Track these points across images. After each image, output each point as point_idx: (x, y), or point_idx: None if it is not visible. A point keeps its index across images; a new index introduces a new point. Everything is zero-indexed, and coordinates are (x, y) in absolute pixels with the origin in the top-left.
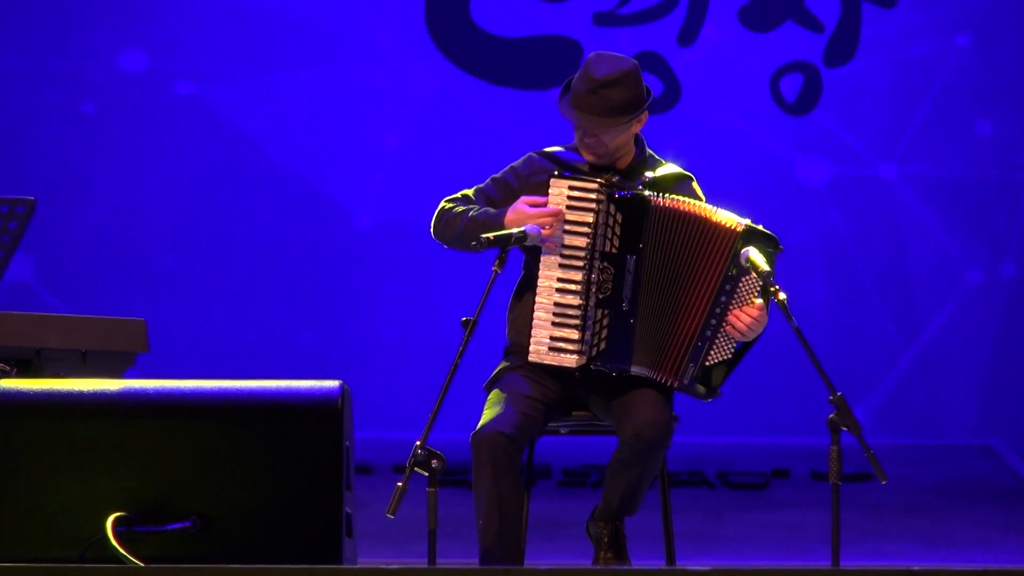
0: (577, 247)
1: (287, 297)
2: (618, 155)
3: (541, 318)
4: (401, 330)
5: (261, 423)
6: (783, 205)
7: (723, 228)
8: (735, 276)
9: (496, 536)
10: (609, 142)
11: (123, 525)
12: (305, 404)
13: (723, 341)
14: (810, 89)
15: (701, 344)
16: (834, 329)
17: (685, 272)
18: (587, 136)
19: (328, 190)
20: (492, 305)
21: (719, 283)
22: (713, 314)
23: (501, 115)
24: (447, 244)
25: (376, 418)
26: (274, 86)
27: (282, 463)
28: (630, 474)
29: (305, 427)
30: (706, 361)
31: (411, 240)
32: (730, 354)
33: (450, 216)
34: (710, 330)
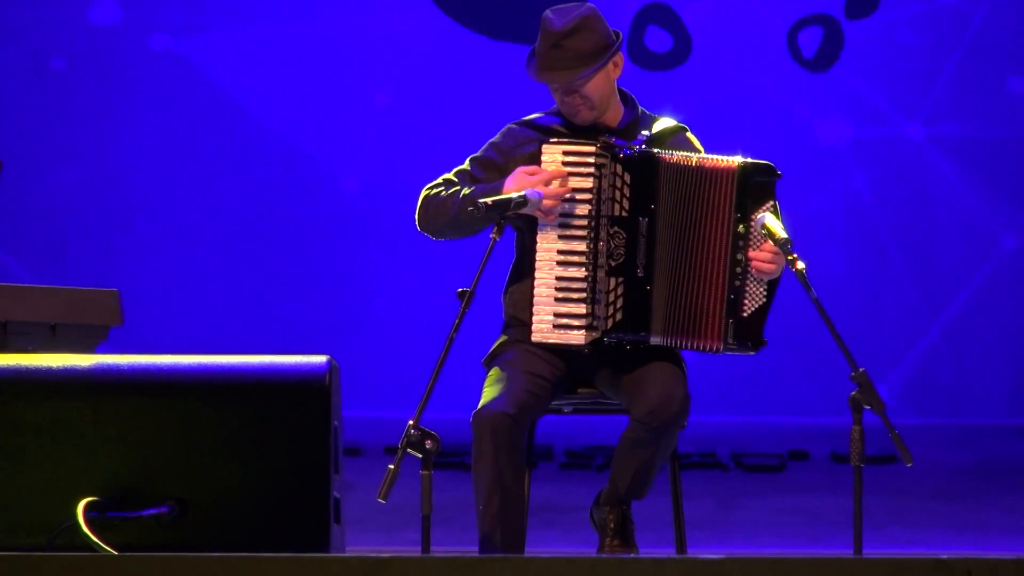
0: (578, 215)
1: (270, 266)
2: (605, 109)
3: (543, 295)
4: (392, 301)
5: (243, 401)
6: (802, 168)
7: (720, 170)
8: (742, 218)
9: (496, 521)
10: (592, 94)
11: (95, 511)
12: (290, 381)
13: (753, 286)
14: (830, 43)
15: (734, 296)
16: (856, 300)
17: (698, 227)
18: (566, 95)
19: (313, 151)
20: (490, 275)
21: (731, 228)
22: (736, 261)
23: (500, 72)
24: (437, 234)
25: (366, 396)
26: (255, 40)
27: (265, 444)
28: (642, 455)
29: (290, 406)
30: (743, 312)
31: (402, 205)
32: (763, 297)
33: (438, 202)
34: (738, 279)
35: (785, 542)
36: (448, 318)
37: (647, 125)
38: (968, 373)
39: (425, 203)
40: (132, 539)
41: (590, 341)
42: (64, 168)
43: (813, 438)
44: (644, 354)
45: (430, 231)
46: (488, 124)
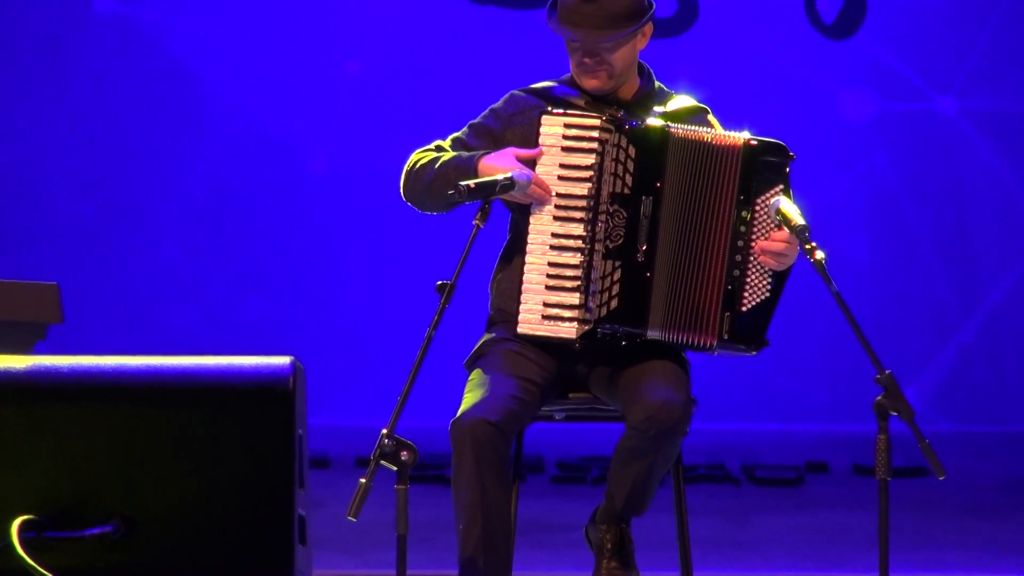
0: (576, 195)
1: (227, 256)
2: (623, 80)
3: (532, 281)
4: (364, 296)
5: (196, 408)
6: (821, 146)
7: (726, 148)
8: (745, 201)
9: (479, 542)
10: (615, 62)
11: (32, 530)
12: (249, 385)
13: (756, 277)
14: (852, 7)
15: (732, 288)
16: (882, 294)
17: (702, 209)
18: (586, 56)
19: (276, 127)
20: (473, 267)
21: (733, 212)
22: (736, 248)
23: (485, 39)
24: (419, 205)
25: (334, 402)
26: (211, 2)
27: (221, 456)
28: (639, 466)
29: (249, 413)
30: (741, 306)
31: (375, 188)
32: (767, 291)
33: (418, 167)
34: (738, 268)
35: (803, 564)
36: (426, 314)
37: (662, 101)
38: (1007, 375)
39: (409, 169)
40: (74, 562)
41: (582, 335)
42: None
43: (834, 448)
44: (641, 352)
45: (413, 200)
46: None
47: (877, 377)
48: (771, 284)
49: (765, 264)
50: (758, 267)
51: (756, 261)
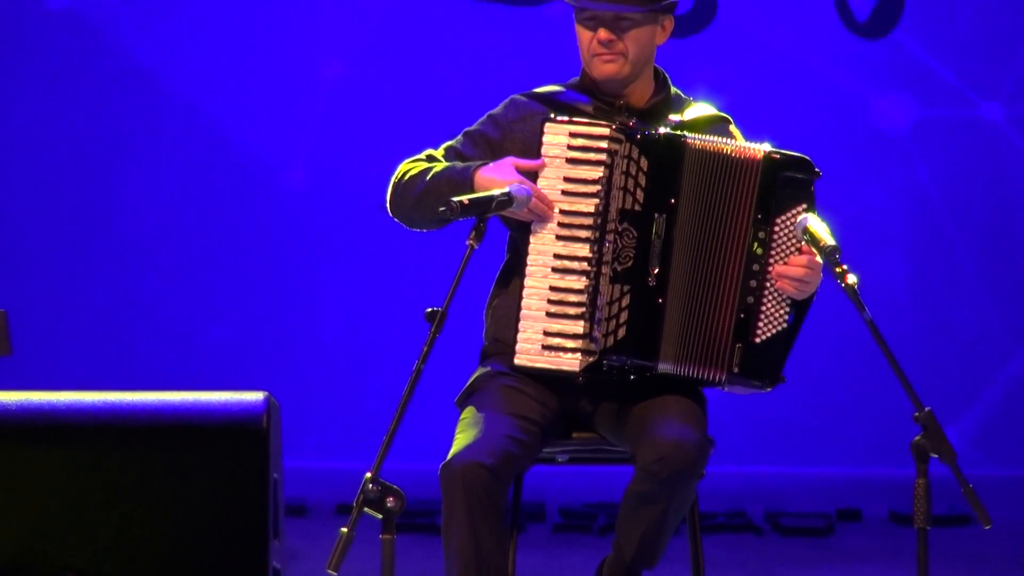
0: (581, 212)
1: (193, 281)
2: (637, 74)
3: (532, 307)
4: (345, 324)
5: (159, 449)
6: (853, 158)
7: (744, 161)
8: (763, 221)
9: None
10: (631, 47)
11: None
12: (218, 423)
13: (772, 305)
14: (888, 4)
15: (745, 316)
16: (921, 322)
17: (718, 229)
18: (601, 36)
19: (246, 136)
20: (466, 292)
21: (749, 233)
22: (750, 272)
23: (482, 38)
24: (407, 221)
25: (313, 442)
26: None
27: (187, 502)
28: (650, 513)
29: (218, 454)
30: (755, 336)
31: (358, 203)
32: (784, 322)
33: (407, 179)
34: (752, 295)
35: None
36: (415, 345)
37: (678, 109)
38: None
39: (396, 181)
40: None
41: (586, 367)
42: None
43: (867, 494)
44: (652, 387)
45: (400, 216)
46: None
47: (916, 415)
48: (789, 313)
49: (783, 291)
50: (775, 294)
51: (773, 287)
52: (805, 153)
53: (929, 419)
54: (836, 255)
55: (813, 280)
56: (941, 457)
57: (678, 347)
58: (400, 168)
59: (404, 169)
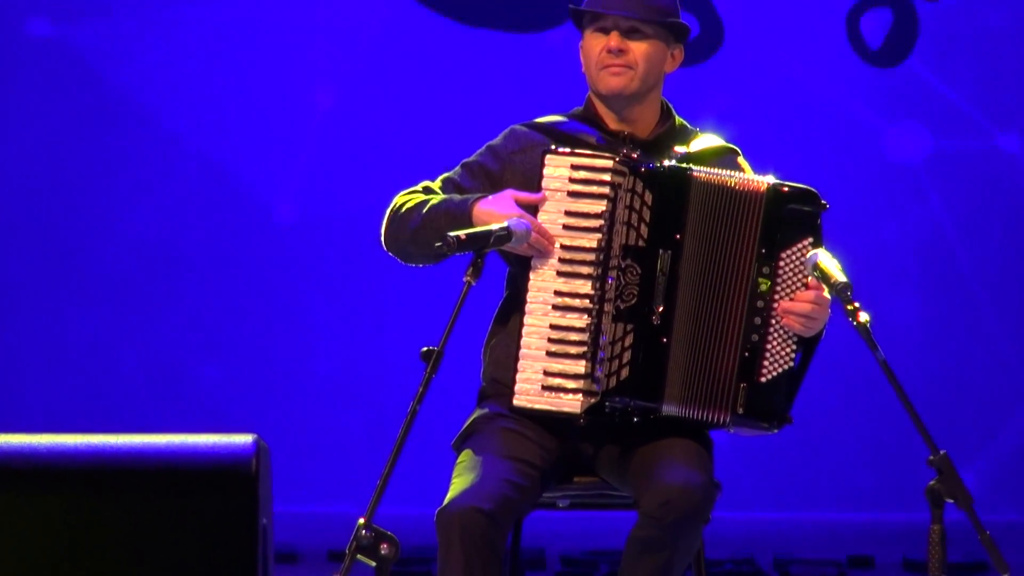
0: (583, 247)
1: (179, 317)
2: (644, 93)
3: (531, 346)
4: (338, 363)
5: (144, 494)
6: (865, 190)
7: (748, 193)
8: (767, 255)
9: None
10: (640, 59)
11: None
12: (205, 467)
13: (777, 343)
14: (902, 30)
15: (749, 354)
16: (936, 362)
17: (723, 265)
18: (613, 42)
19: (237, 168)
20: (463, 330)
21: (752, 267)
22: (755, 309)
23: (480, 66)
24: (402, 256)
25: (304, 486)
26: (162, 26)
27: (173, 550)
28: (656, 560)
29: (205, 499)
30: (760, 376)
31: (351, 237)
32: (791, 360)
33: (403, 212)
34: (756, 332)
35: None
36: (410, 385)
37: (684, 140)
38: None
39: (391, 214)
40: None
41: (587, 408)
42: None
43: (880, 540)
44: (657, 429)
45: (395, 250)
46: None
47: (930, 458)
48: (797, 351)
49: (789, 328)
50: (781, 332)
51: (779, 325)
52: (814, 186)
53: (944, 462)
54: (848, 292)
55: (821, 316)
56: (957, 502)
57: (683, 388)
58: (395, 200)
59: (400, 202)
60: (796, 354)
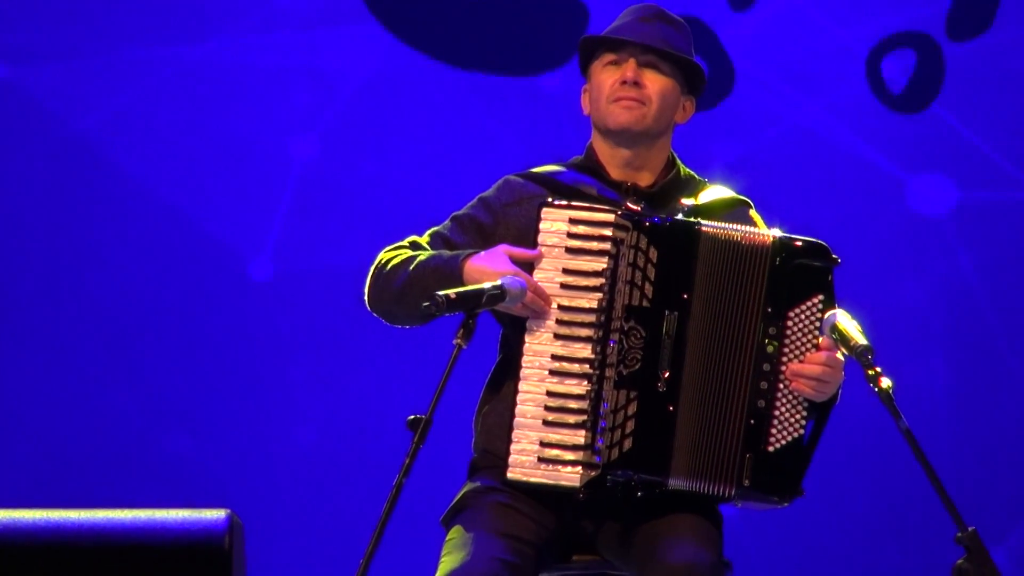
0: (582, 308)
1: (145, 381)
2: (656, 135)
3: (527, 414)
4: (318, 433)
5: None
6: (887, 245)
7: (755, 248)
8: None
9: None
10: (653, 94)
11: None
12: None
13: (786, 409)
14: (927, 73)
15: (755, 421)
16: (964, 431)
17: (730, 325)
18: (628, 73)
19: (209, 222)
20: (453, 397)
21: (760, 325)
22: (760, 372)
23: (473, 115)
24: (387, 316)
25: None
26: (128, 69)
27: None
28: None
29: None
30: (767, 445)
31: (332, 299)
32: (801, 428)
33: (388, 270)
34: (763, 398)
35: None
36: (396, 456)
37: (691, 191)
38: None
39: (376, 271)
40: None
41: (587, 482)
42: None
43: None
44: (662, 504)
45: (380, 310)
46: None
47: (958, 535)
48: (808, 418)
49: (799, 392)
50: (789, 397)
51: (787, 389)
52: (831, 241)
53: (973, 540)
54: (869, 356)
55: (833, 379)
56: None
57: (691, 460)
58: (380, 257)
59: (384, 258)
60: (807, 421)
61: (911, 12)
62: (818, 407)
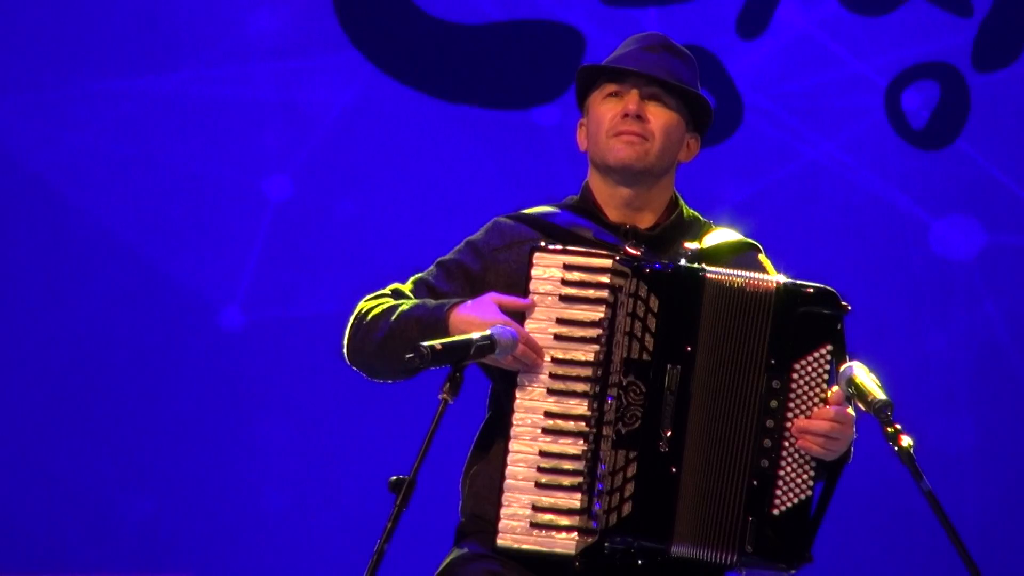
0: (578, 362)
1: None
2: (658, 174)
3: (518, 476)
4: (292, 496)
5: None
6: (909, 291)
7: (759, 295)
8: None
9: None
10: (657, 129)
11: None
12: None
13: (792, 468)
14: (950, 106)
15: (758, 482)
16: (990, 492)
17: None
18: (631, 105)
19: (175, 268)
20: (439, 457)
21: (763, 377)
22: (764, 429)
23: (459, 151)
24: (367, 370)
25: None
26: (85, 103)
27: None
28: None
29: None
30: (772, 507)
31: (308, 350)
32: (809, 489)
33: (367, 322)
34: (766, 456)
35: None
36: (376, 521)
37: (695, 234)
38: None
39: (355, 322)
40: None
41: (584, 549)
42: None
43: None
44: (664, 572)
45: (360, 364)
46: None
47: None
48: (815, 478)
49: (806, 450)
50: (795, 455)
51: (793, 447)
52: (847, 288)
53: None
54: (888, 412)
55: (844, 436)
56: None
57: (694, 525)
58: (360, 306)
59: (365, 308)
60: (816, 481)
61: (934, 41)
62: (828, 466)
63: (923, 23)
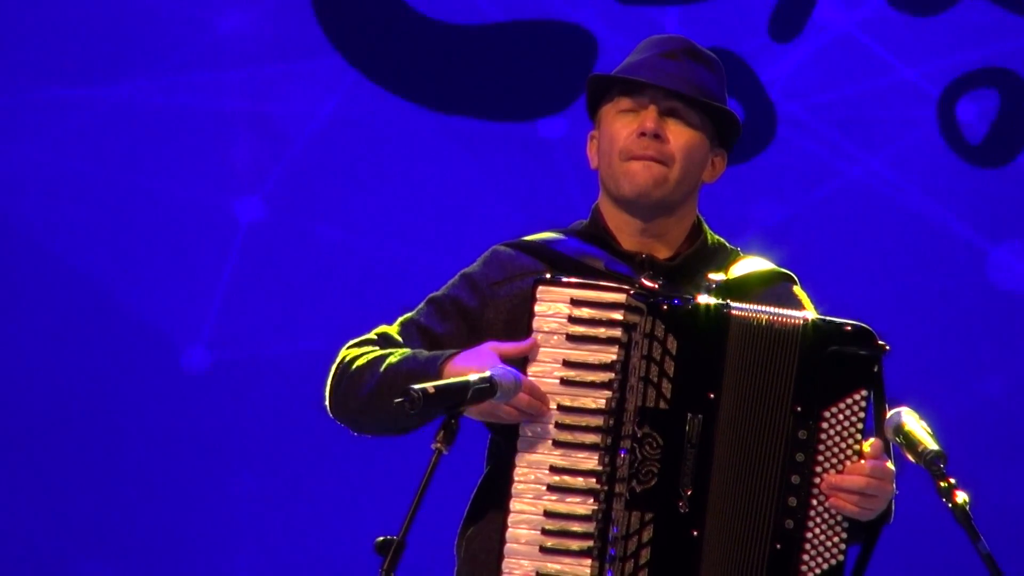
0: (587, 410)
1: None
2: (676, 200)
3: (520, 540)
4: (264, 558)
5: None
6: (965, 324)
7: (785, 332)
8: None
9: None
10: (676, 149)
11: None
12: None
13: (821, 530)
14: (1011, 119)
15: (782, 545)
16: None
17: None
18: (648, 124)
19: (134, 302)
20: (431, 516)
21: (789, 427)
22: (788, 485)
23: (453, 168)
24: (352, 424)
25: None
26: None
27: None
28: None
29: None
30: (798, 574)
31: (282, 395)
32: (841, 553)
33: (352, 373)
34: (791, 516)
35: None
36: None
37: (720, 264)
38: None
39: (338, 373)
40: None
41: None
42: None
43: None
44: None
45: (344, 417)
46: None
47: None
48: (849, 540)
49: (838, 509)
50: (825, 515)
51: (822, 506)
52: (896, 323)
53: None
54: (941, 464)
55: (881, 492)
56: None
57: None
58: (341, 354)
59: (348, 356)
60: (849, 544)
61: (992, 44)
62: (864, 527)
63: (980, 24)
